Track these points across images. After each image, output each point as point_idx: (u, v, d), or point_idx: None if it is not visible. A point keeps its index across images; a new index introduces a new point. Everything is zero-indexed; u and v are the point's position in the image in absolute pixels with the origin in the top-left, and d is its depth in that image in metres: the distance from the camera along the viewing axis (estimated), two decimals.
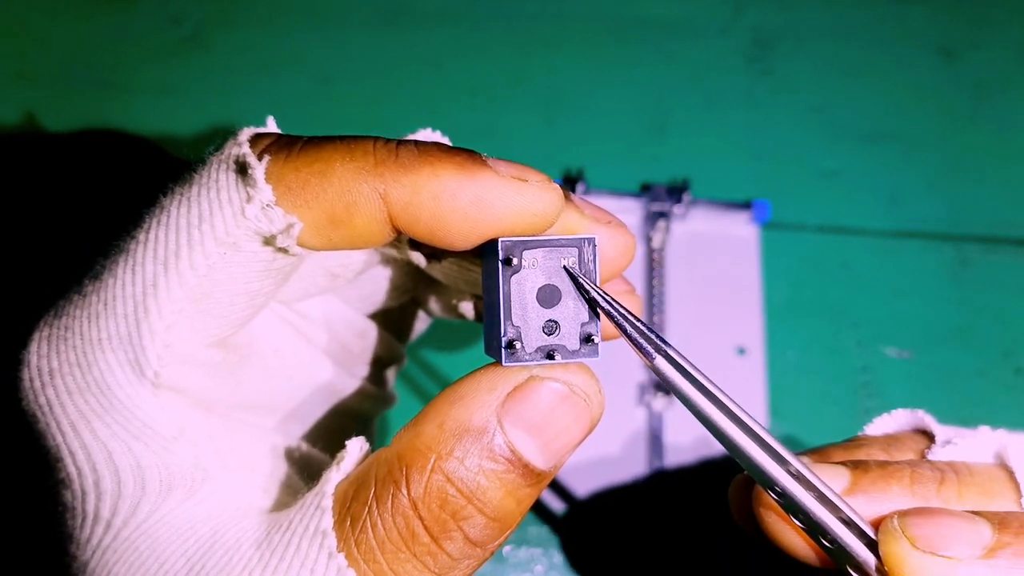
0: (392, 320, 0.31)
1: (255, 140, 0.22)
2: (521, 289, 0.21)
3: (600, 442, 0.43)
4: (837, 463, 0.25)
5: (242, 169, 0.21)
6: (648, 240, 0.46)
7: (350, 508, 0.21)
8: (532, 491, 0.21)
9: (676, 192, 0.45)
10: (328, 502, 0.21)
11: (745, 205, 0.46)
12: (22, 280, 0.43)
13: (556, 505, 0.41)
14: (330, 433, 0.28)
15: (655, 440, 0.42)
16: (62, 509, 0.23)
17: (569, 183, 0.46)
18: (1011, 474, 0.26)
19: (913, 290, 0.46)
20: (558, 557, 0.41)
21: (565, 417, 0.21)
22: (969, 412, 0.43)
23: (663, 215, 0.45)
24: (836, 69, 0.50)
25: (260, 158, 0.21)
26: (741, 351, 0.44)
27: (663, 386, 0.43)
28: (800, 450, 0.27)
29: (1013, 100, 0.50)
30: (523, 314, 0.21)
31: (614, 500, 0.42)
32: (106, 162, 0.46)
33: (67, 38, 0.49)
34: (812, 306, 0.45)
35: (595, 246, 0.21)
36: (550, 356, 0.21)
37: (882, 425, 0.29)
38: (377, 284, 0.29)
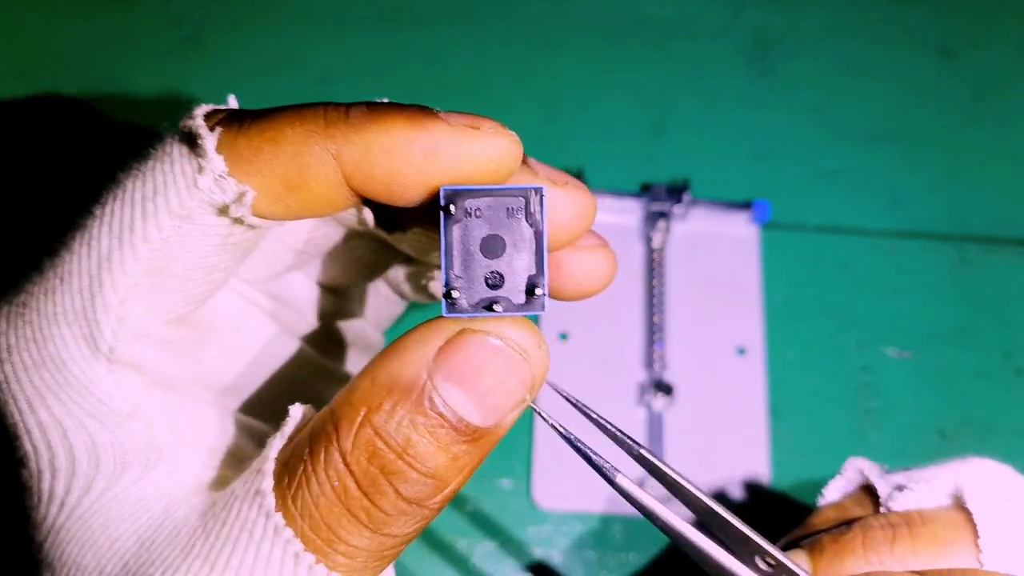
0: (363, 305, 0.31)
1: (209, 116, 0.22)
2: (464, 239, 0.20)
3: (600, 442, 0.43)
4: (798, 548, 0.26)
5: (194, 141, 0.21)
6: (648, 240, 0.46)
7: (288, 466, 0.20)
8: (469, 448, 0.21)
9: (676, 192, 0.45)
10: (269, 465, 0.21)
11: (745, 205, 0.46)
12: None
13: (556, 504, 0.42)
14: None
15: (655, 440, 0.42)
16: (22, 490, 0.23)
17: None
18: (968, 515, 0.26)
19: (913, 290, 0.46)
20: (558, 557, 0.41)
21: (499, 371, 0.20)
22: (969, 412, 0.43)
23: (663, 215, 0.45)
24: (836, 69, 0.50)
25: (212, 130, 0.21)
26: (741, 351, 0.44)
27: (663, 387, 0.43)
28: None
29: (1013, 100, 0.50)
30: (466, 264, 0.20)
31: (614, 500, 0.42)
32: (107, 161, 0.46)
33: (67, 38, 0.49)
34: (812, 306, 0.45)
35: (543, 195, 0.20)
36: (490, 308, 0.20)
37: (836, 488, 0.30)
38: (346, 264, 0.28)
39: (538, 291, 0.20)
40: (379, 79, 0.49)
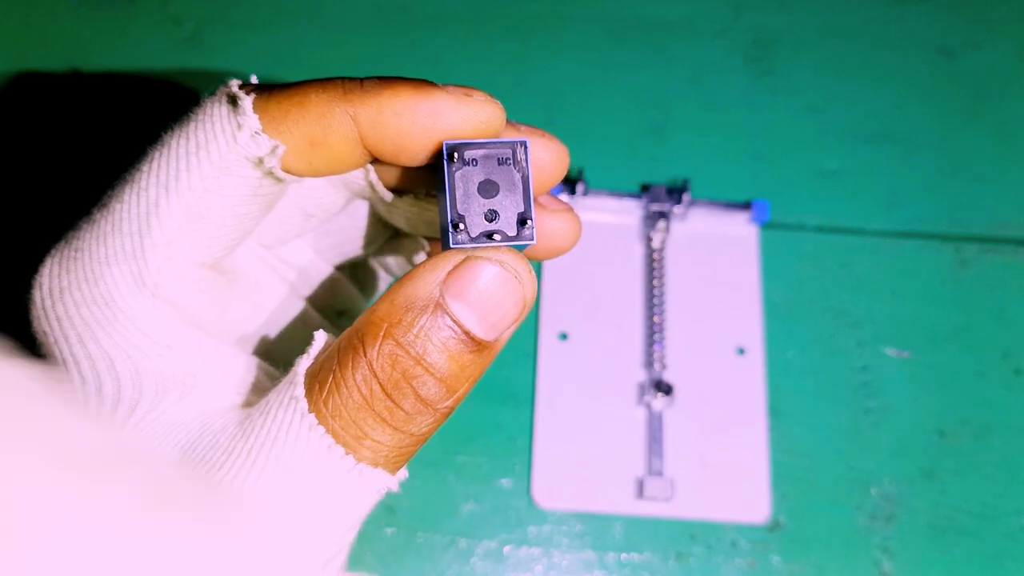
0: (356, 276, 0.35)
1: (242, 86, 0.25)
2: (465, 183, 0.24)
3: (600, 441, 0.43)
4: None
5: (233, 103, 0.25)
6: (648, 240, 0.46)
7: (318, 376, 0.24)
8: (475, 358, 0.24)
9: (676, 192, 0.46)
10: (300, 378, 0.24)
11: (745, 205, 0.46)
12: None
13: (556, 504, 0.42)
14: None
15: (655, 440, 0.42)
16: None
17: (569, 183, 0.46)
18: None
19: (913, 290, 0.46)
20: (558, 557, 0.41)
21: (499, 291, 0.24)
22: (968, 412, 0.43)
23: (663, 215, 0.45)
24: (836, 69, 0.50)
25: (248, 95, 0.25)
26: (741, 351, 0.44)
27: (662, 387, 0.43)
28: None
29: (1013, 100, 0.50)
30: (466, 204, 0.24)
31: (614, 500, 0.42)
32: (109, 157, 0.46)
33: (67, 38, 0.49)
34: (812, 306, 0.45)
35: (527, 147, 0.25)
36: (490, 237, 0.24)
37: None
38: (346, 235, 0.32)
39: (528, 222, 0.24)
40: None
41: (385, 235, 0.33)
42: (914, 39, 0.51)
